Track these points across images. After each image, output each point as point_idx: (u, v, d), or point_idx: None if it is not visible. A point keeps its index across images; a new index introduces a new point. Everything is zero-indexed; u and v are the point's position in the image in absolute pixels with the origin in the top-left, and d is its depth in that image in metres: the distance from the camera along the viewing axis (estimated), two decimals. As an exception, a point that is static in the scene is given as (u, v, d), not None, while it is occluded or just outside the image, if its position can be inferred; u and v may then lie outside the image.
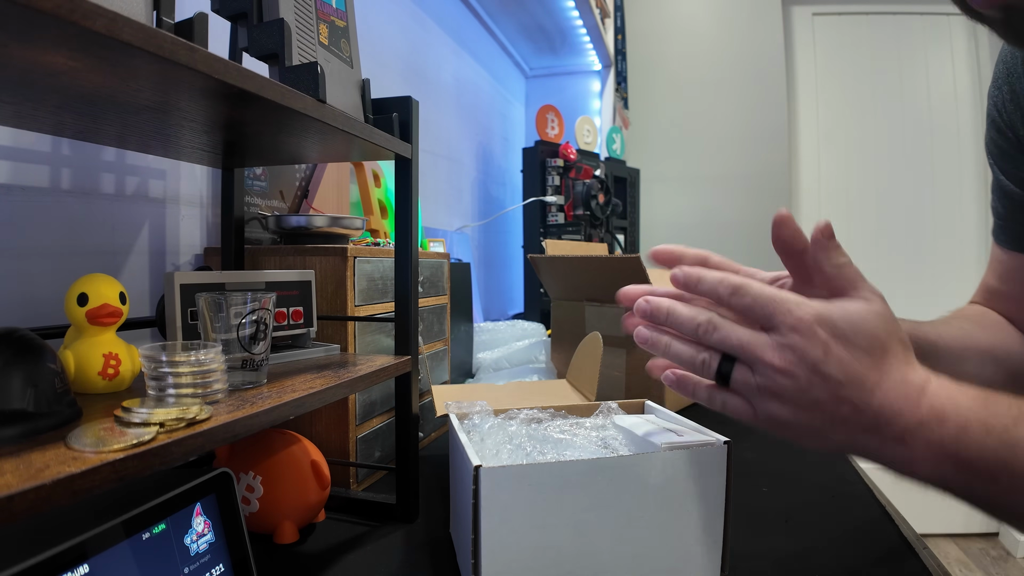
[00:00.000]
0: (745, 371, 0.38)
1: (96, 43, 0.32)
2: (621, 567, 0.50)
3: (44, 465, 0.31)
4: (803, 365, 0.36)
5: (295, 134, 0.57)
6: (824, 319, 0.36)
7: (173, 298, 0.57)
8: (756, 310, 0.38)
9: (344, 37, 0.63)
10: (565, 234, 2.00)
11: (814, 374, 0.36)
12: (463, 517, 0.52)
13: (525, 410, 0.65)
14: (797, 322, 0.36)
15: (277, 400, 0.47)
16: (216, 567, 0.45)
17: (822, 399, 0.36)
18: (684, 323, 0.40)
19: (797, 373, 0.36)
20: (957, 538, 2.59)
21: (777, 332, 0.37)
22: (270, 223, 0.82)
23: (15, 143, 0.60)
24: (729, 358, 0.39)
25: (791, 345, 0.36)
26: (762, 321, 0.38)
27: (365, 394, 0.78)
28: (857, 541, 0.64)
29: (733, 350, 0.38)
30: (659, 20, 2.96)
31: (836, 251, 0.39)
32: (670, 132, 2.96)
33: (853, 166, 2.86)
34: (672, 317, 0.40)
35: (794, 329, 0.36)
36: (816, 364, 0.36)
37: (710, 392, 0.41)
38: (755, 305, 0.38)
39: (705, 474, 0.51)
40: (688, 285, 0.40)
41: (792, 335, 0.36)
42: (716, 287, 0.39)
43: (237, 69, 0.41)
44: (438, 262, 1.02)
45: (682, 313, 0.40)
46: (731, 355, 0.39)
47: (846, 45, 2.87)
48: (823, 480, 0.81)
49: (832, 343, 0.36)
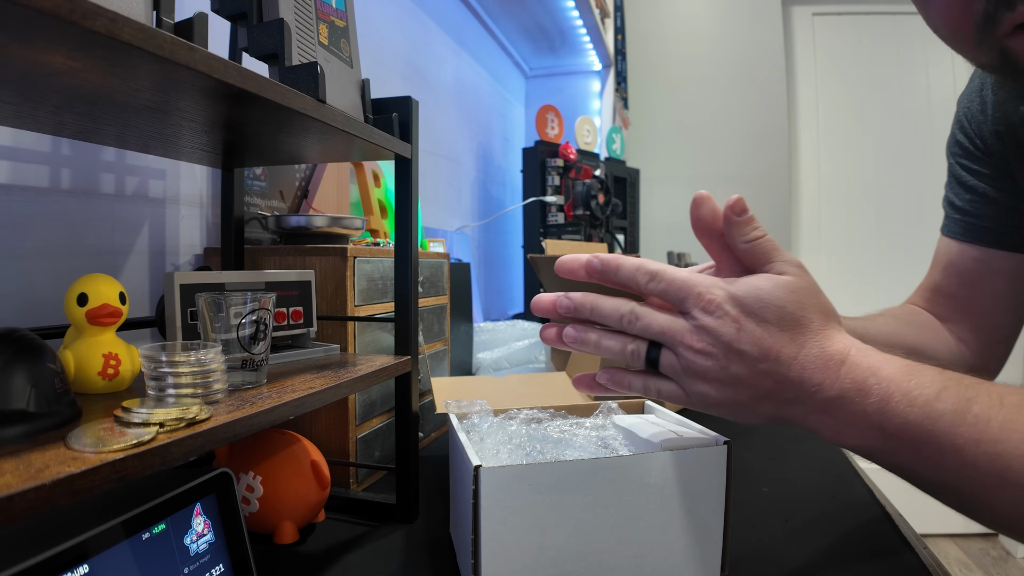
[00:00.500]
0: (670, 355, 0.39)
1: (96, 43, 0.32)
2: (621, 567, 0.50)
3: (44, 465, 0.31)
4: (719, 344, 0.37)
5: (295, 134, 0.57)
6: (733, 297, 0.37)
7: (173, 298, 0.57)
8: (671, 295, 0.39)
9: (344, 37, 0.63)
10: (565, 234, 2.00)
11: (730, 352, 0.37)
12: (463, 517, 0.52)
13: (525, 410, 0.65)
14: (708, 304, 0.37)
15: (277, 400, 0.47)
16: (216, 567, 0.45)
17: (742, 375, 0.37)
18: (608, 315, 0.41)
19: (714, 352, 0.37)
20: (957, 538, 2.59)
21: (691, 316, 0.38)
22: (270, 223, 0.82)
23: (15, 143, 0.60)
24: (656, 345, 0.40)
25: (705, 327, 0.37)
26: (677, 305, 0.39)
27: (365, 394, 0.78)
28: (857, 541, 0.64)
29: (656, 336, 0.39)
30: (659, 20, 2.96)
31: (748, 226, 0.39)
32: (670, 132, 2.96)
33: (853, 166, 2.86)
34: (596, 311, 0.41)
35: (705, 311, 0.37)
36: (730, 343, 0.37)
37: (644, 381, 0.42)
38: (670, 290, 0.39)
39: (705, 474, 0.51)
40: (606, 273, 0.41)
41: (705, 317, 0.37)
42: (634, 274, 0.40)
43: (237, 69, 0.41)
44: (438, 262, 1.02)
45: (605, 306, 0.41)
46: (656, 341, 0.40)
47: (846, 45, 2.87)
48: (823, 480, 0.81)
49: (743, 320, 0.37)
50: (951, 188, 0.68)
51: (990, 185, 0.63)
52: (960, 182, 0.66)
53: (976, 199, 0.64)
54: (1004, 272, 0.63)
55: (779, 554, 0.61)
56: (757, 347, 0.37)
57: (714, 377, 0.38)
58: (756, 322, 0.37)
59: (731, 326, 0.37)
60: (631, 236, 2.49)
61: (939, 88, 2.75)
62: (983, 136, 0.62)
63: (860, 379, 0.36)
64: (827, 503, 0.73)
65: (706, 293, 0.38)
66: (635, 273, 0.40)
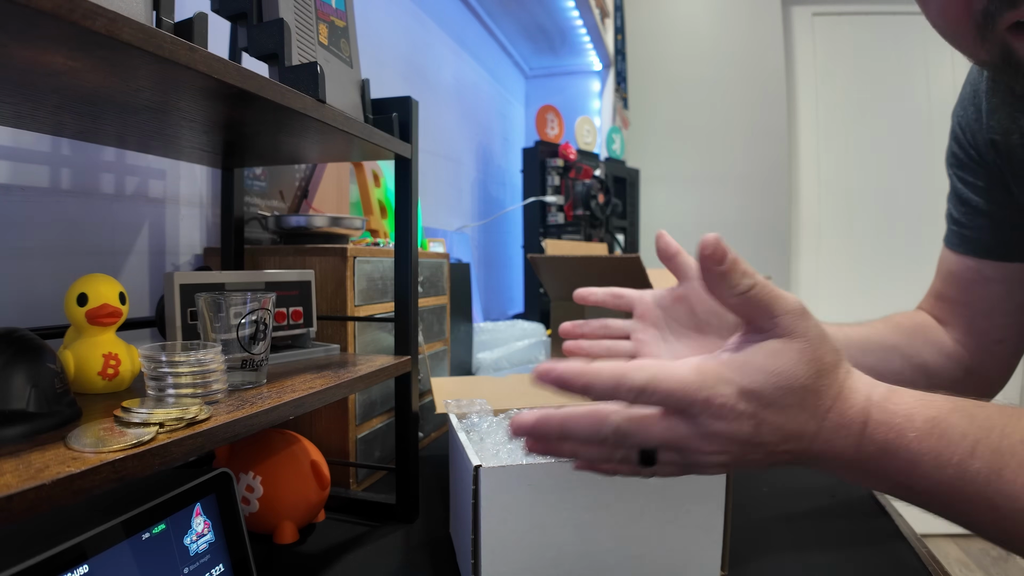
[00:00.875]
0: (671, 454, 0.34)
1: (96, 43, 0.32)
2: (621, 567, 0.50)
3: (44, 465, 0.31)
4: (734, 443, 0.33)
5: (295, 134, 0.57)
6: (747, 393, 0.33)
7: (173, 298, 0.57)
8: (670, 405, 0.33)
9: (344, 37, 0.63)
10: (565, 234, 2.00)
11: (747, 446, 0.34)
12: (463, 517, 0.52)
13: (525, 410, 0.65)
14: (719, 409, 0.32)
15: (277, 400, 0.47)
16: (216, 567, 0.45)
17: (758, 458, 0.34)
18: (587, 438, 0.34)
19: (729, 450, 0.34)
20: (957, 538, 2.59)
21: (697, 423, 0.33)
22: (270, 223, 0.82)
23: (15, 143, 0.60)
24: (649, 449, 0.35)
25: (717, 433, 0.33)
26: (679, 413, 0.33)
27: (365, 394, 0.78)
28: (857, 541, 0.64)
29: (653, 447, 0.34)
30: (659, 20, 2.96)
31: (735, 273, 0.34)
32: (670, 132, 2.96)
33: (853, 166, 2.86)
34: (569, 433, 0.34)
35: (716, 416, 0.33)
36: (748, 440, 0.33)
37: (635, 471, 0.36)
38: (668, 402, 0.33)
39: (705, 474, 0.51)
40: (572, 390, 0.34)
41: (716, 423, 0.33)
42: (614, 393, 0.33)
43: (237, 69, 0.41)
44: (438, 262, 1.02)
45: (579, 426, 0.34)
46: None
47: (846, 45, 2.87)
48: (823, 480, 0.81)
49: (761, 413, 0.33)
50: (950, 200, 0.69)
51: (983, 198, 0.63)
52: (957, 195, 0.67)
53: (970, 211, 0.65)
54: (998, 280, 0.64)
55: (779, 554, 0.61)
56: (778, 435, 0.34)
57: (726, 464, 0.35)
58: (775, 411, 0.33)
59: (747, 424, 0.33)
60: (631, 236, 2.49)
61: (939, 88, 2.75)
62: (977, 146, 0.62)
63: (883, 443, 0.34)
64: (827, 503, 0.73)
65: (714, 397, 0.32)
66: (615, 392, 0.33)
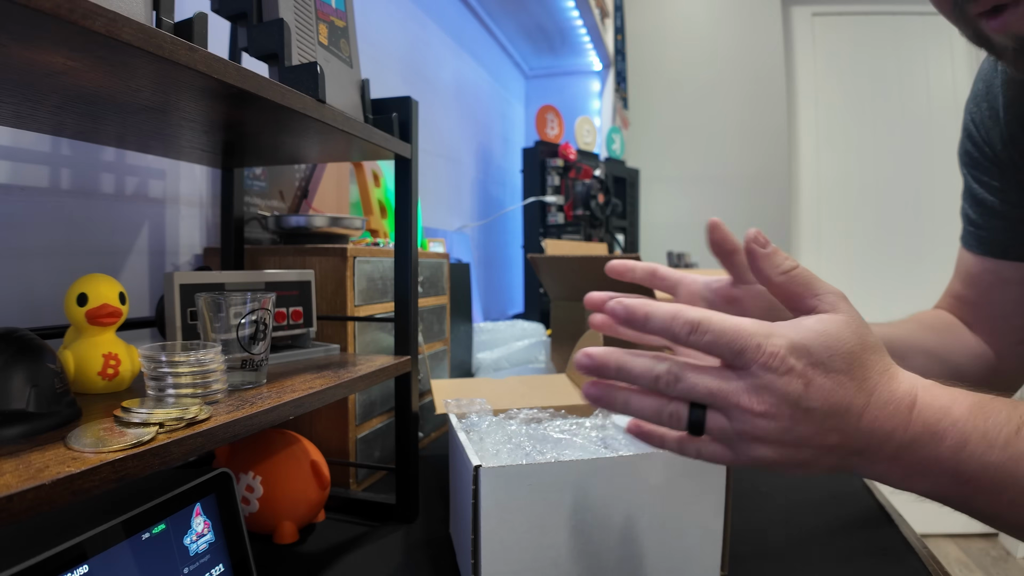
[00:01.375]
0: (719, 418, 0.34)
1: (96, 43, 0.32)
2: (621, 567, 0.50)
3: (44, 465, 0.31)
4: (784, 404, 0.33)
5: (295, 134, 0.57)
6: (798, 347, 0.33)
7: (173, 298, 0.57)
8: (721, 348, 0.34)
9: (344, 37, 0.63)
10: (565, 234, 2.00)
11: (796, 411, 0.33)
12: (463, 517, 0.52)
13: (525, 410, 0.65)
14: (770, 358, 0.33)
15: (277, 400, 0.47)
16: (216, 567, 0.45)
17: (808, 435, 0.34)
18: (640, 376, 0.35)
19: (778, 413, 0.33)
20: (957, 538, 2.59)
21: (749, 372, 0.33)
22: (270, 223, 0.82)
23: (15, 143, 0.60)
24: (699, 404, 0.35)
25: (767, 385, 0.33)
26: (729, 360, 0.34)
27: (365, 394, 0.78)
28: (857, 541, 0.64)
29: (703, 399, 0.34)
30: (659, 20, 2.96)
31: (778, 256, 0.36)
32: (670, 132, 2.96)
33: (853, 166, 2.86)
34: (624, 372, 0.35)
35: (767, 367, 0.33)
36: (798, 400, 0.33)
37: (681, 443, 0.37)
38: (719, 343, 0.33)
39: (705, 474, 0.52)
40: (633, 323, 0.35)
41: (766, 374, 0.33)
42: (670, 325, 0.34)
43: (237, 69, 0.41)
44: (438, 262, 1.02)
45: (635, 365, 0.35)
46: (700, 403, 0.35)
47: (846, 45, 2.87)
48: (823, 480, 0.81)
49: (811, 373, 0.33)
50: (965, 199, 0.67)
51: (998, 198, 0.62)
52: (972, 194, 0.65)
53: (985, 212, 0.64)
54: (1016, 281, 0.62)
55: (779, 554, 0.61)
56: (826, 403, 0.33)
57: (775, 439, 0.34)
58: (824, 374, 0.33)
59: (798, 382, 0.33)
60: (631, 236, 2.49)
61: (939, 88, 2.75)
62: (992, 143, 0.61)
63: (932, 422, 0.33)
64: (827, 503, 0.73)
65: (766, 345, 0.33)
66: (671, 323, 0.34)
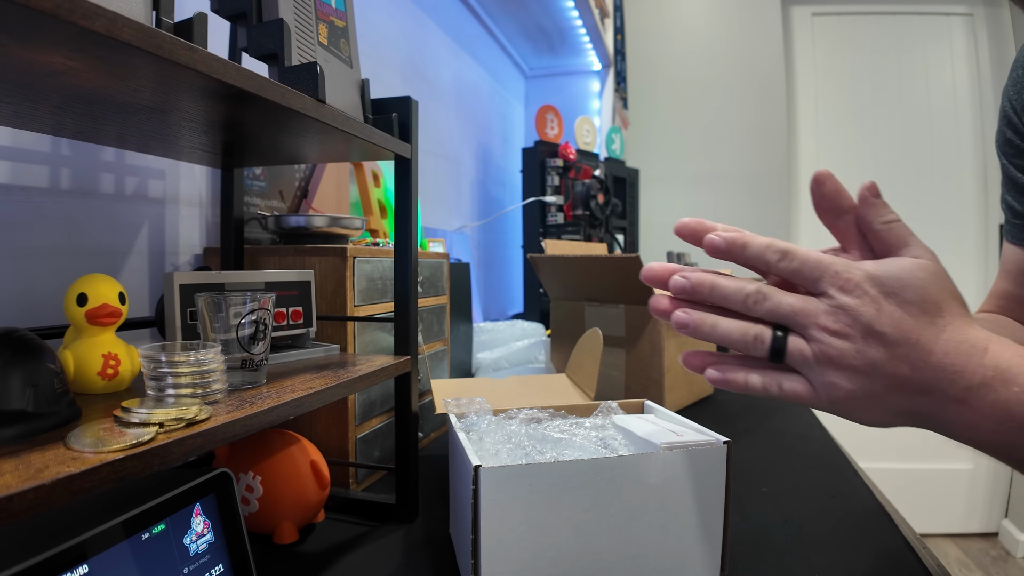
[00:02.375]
0: (799, 341, 0.37)
1: (96, 43, 0.32)
2: (621, 567, 0.50)
3: (43, 465, 0.31)
4: (857, 325, 0.35)
5: (294, 134, 0.57)
6: (872, 277, 0.36)
7: (172, 298, 0.57)
8: (805, 274, 0.37)
9: (343, 37, 0.63)
10: (565, 234, 2.00)
11: (869, 333, 0.35)
12: (463, 517, 0.52)
13: (525, 410, 0.65)
14: (846, 282, 0.36)
15: (277, 400, 0.47)
16: (215, 567, 0.45)
17: (879, 360, 0.35)
18: (731, 295, 0.38)
19: (852, 334, 0.35)
20: (957, 538, 2.59)
21: (827, 295, 0.36)
22: (269, 223, 0.82)
23: (15, 143, 0.60)
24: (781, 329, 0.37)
25: (843, 306, 0.35)
26: (810, 285, 0.37)
27: (365, 394, 0.78)
28: (857, 541, 0.64)
29: (785, 319, 0.37)
30: (659, 20, 2.96)
31: (884, 208, 0.38)
32: (669, 132, 2.96)
33: (853, 166, 2.86)
34: (717, 291, 0.38)
35: (844, 290, 0.36)
36: (870, 323, 0.35)
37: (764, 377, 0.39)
38: (803, 268, 0.37)
39: (705, 474, 0.52)
40: (732, 251, 0.38)
41: (843, 296, 0.36)
42: (764, 252, 0.37)
43: (237, 69, 0.41)
44: (437, 262, 1.02)
45: (728, 284, 0.38)
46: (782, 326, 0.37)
47: (846, 45, 2.87)
48: (823, 480, 0.81)
49: (883, 300, 0.35)
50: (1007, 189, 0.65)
51: None
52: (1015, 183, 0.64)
53: None
54: None
55: (779, 554, 0.61)
56: (897, 329, 0.35)
57: (849, 363, 0.36)
58: (896, 303, 0.35)
59: (871, 306, 0.35)
60: (631, 236, 2.49)
61: (938, 88, 2.75)
62: None
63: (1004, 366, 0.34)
64: (827, 503, 0.73)
65: (844, 272, 0.36)
66: (765, 251, 0.37)
